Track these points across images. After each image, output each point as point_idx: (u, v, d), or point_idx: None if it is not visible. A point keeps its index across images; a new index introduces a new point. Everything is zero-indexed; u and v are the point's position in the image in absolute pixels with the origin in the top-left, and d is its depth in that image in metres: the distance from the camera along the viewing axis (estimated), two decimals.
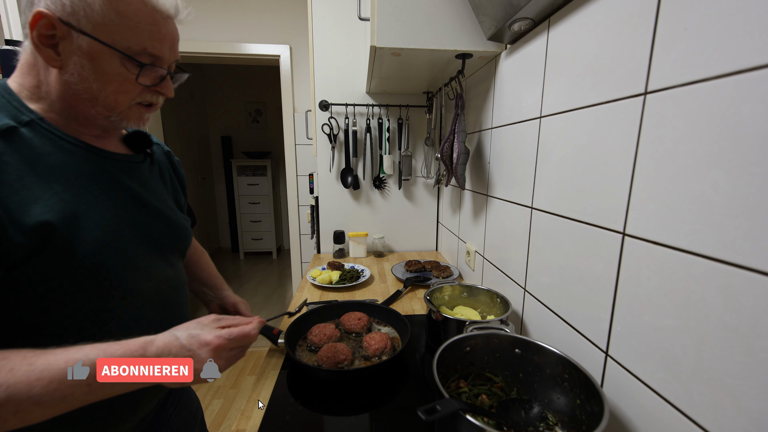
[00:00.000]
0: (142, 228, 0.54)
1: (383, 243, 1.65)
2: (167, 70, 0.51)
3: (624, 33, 0.52)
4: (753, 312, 0.35)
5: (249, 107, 4.43)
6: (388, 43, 0.88)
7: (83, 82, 0.45)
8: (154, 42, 0.47)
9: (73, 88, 0.46)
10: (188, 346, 0.45)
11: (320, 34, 1.50)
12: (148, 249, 0.54)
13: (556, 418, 0.57)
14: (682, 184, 0.42)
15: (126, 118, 0.51)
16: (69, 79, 0.45)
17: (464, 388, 0.61)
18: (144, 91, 0.50)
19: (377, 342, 0.77)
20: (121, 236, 0.50)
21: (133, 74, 0.47)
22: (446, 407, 0.43)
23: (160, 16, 0.48)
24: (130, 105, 0.50)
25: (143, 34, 0.46)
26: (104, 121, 0.50)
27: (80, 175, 0.48)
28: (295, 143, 2.38)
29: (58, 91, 0.46)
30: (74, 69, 0.45)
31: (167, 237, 0.59)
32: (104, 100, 0.47)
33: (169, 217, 0.60)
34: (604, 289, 0.56)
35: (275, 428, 0.60)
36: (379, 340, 0.77)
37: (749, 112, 0.35)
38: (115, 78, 0.47)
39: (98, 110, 0.48)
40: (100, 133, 0.53)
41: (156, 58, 0.48)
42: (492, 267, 1.04)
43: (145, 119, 0.54)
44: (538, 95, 0.76)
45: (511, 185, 0.90)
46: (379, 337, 0.78)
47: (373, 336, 0.79)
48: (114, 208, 0.50)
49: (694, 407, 0.41)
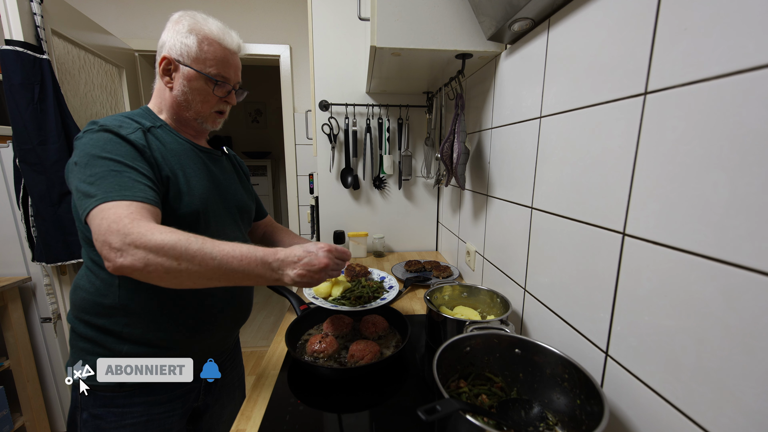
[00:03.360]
0: (219, 198, 0.78)
1: (383, 243, 1.65)
2: (233, 87, 0.77)
3: (624, 33, 0.52)
4: (753, 312, 0.35)
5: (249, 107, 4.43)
6: (388, 43, 0.88)
7: (183, 95, 0.73)
8: (225, 68, 0.74)
9: (177, 100, 0.73)
10: (307, 249, 0.64)
11: (320, 34, 1.50)
12: (223, 213, 0.78)
13: (556, 418, 0.57)
14: (682, 184, 0.42)
15: (207, 121, 0.77)
16: (175, 94, 0.73)
17: (464, 388, 0.61)
18: (218, 102, 0.76)
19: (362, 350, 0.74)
20: (208, 198, 0.74)
21: (211, 89, 0.73)
22: (446, 407, 0.43)
23: (229, 52, 0.74)
24: (210, 112, 0.76)
25: (219, 64, 0.72)
26: (194, 123, 0.77)
27: (187, 158, 0.73)
28: (295, 143, 2.38)
29: (170, 102, 0.74)
30: (179, 88, 0.72)
31: (235, 208, 0.83)
32: (195, 107, 0.74)
33: (236, 195, 0.84)
34: (604, 289, 0.56)
35: (275, 428, 0.60)
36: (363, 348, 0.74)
37: (749, 112, 0.35)
38: (202, 92, 0.73)
39: (191, 114, 0.75)
40: (195, 134, 0.80)
41: (226, 79, 0.75)
42: (492, 267, 1.04)
43: (218, 123, 0.80)
44: (538, 95, 0.76)
45: (511, 185, 0.90)
46: (364, 345, 0.75)
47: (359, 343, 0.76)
48: (204, 181, 0.74)
49: (694, 407, 0.41)
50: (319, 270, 0.63)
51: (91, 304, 0.68)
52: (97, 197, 0.56)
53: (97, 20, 1.77)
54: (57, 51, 1.44)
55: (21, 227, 1.48)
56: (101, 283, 0.68)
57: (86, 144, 0.61)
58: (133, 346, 0.69)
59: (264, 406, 0.66)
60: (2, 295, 1.42)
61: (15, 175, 1.36)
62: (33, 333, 1.57)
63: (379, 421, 0.63)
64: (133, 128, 0.65)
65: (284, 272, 0.60)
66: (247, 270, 0.57)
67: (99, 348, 0.69)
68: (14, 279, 1.48)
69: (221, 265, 0.55)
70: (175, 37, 0.70)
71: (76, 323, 0.71)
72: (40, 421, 1.58)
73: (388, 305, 0.92)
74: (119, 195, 0.56)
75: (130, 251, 0.51)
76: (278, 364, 0.79)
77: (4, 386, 1.45)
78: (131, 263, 0.52)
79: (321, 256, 0.63)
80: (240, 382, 0.97)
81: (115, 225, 0.52)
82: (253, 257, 0.57)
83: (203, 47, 0.70)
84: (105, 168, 0.59)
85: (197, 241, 0.55)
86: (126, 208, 0.55)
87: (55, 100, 1.32)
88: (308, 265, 0.62)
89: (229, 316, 0.79)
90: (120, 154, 0.61)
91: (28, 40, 1.27)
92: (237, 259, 0.56)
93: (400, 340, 0.84)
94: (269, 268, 0.59)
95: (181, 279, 0.54)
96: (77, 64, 1.59)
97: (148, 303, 0.68)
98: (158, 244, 0.52)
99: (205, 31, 0.71)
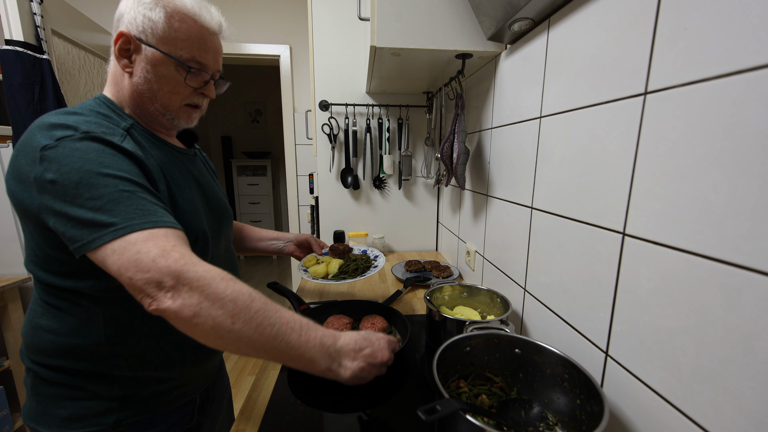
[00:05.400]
0: (207, 206, 0.69)
1: (383, 243, 1.65)
2: (211, 76, 0.63)
3: (624, 33, 0.52)
4: (753, 312, 0.35)
5: (249, 107, 4.43)
6: (388, 43, 0.88)
7: (147, 83, 0.58)
8: (201, 52, 0.60)
9: (139, 89, 0.59)
10: (367, 338, 0.56)
11: (320, 34, 1.50)
12: (213, 222, 0.69)
13: (556, 418, 0.57)
14: (682, 184, 0.42)
15: (177, 117, 0.63)
16: (136, 81, 0.58)
17: (464, 388, 0.61)
18: (192, 93, 0.62)
19: None
20: (201, 211, 0.65)
21: (182, 77, 0.59)
22: (446, 407, 0.43)
23: (207, 32, 0.60)
24: (180, 105, 0.62)
25: (193, 46, 0.58)
26: (162, 118, 0.62)
27: (171, 165, 0.62)
28: (295, 143, 2.38)
29: (129, 92, 0.59)
30: (141, 73, 0.57)
31: (219, 213, 0.73)
32: (161, 98, 0.60)
33: (217, 198, 0.75)
34: (604, 289, 0.56)
35: (275, 428, 0.60)
36: None
37: (749, 112, 0.35)
38: (170, 80, 0.59)
39: (156, 107, 0.60)
40: (166, 132, 0.66)
41: (202, 65, 0.60)
42: (492, 267, 1.04)
43: (192, 118, 0.66)
44: (538, 95, 0.76)
45: (511, 185, 0.90)
46: None
47: None
48: (191, 191, 0.64)
49: (694, 407, 0.41)
50: (381, 365, 0.55)
51: (63, 347, 0.56)
52: (115, 227, 0.45)
53: (97, 20, 1.77)
54: (57, 51, 1.44)
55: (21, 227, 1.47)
56: (77, 321, 0.56)
57: (68, 156, 0.47)
58: (125, 385, 0.59)
59: (264, 406, 0.66)
60: (2, 295, 1.42)
61: None
62: None
63: (379, 421, 0.63)
64: (119, 135, 0.54)
65: (342, 363, 0.51)
66: (302, 350, 0.49)
67: (79, 392, 0.57)
68: (14, 279, 1.48)
69: (278, 335, 0.47)
70: (136, 8, 0.55)
71: (42, 369, 0.57)
72: None
73: (387, 305, 0.93)
74: (146, 222, 0.47)
75: (183, 293, 0.44)
76: (278, 364, 0.79)
77: (4, 386, 1.45)
78: (179, 308, 0.44)
79: (384, 348, 0.55)
80: (226, 391, 0.90)
81: (163, 260, 0.44)
82: (313, 336, 0.49)
83: (173, 23, 0.56)
84: (112, 188, 0.47)
85: (260, 300, 0.48)
86: (165, 238, 0.46)
87: (55, 100, 1.32)
88: (371, 357, 0.53)
89: None
90: (123, 169, 0.50)
91: (28, 40, 1.27)
92: (296, 333, 0.48)
93: (400, 340, 0.84)
94: (326, 354, 0.50)
95: (226, 341, 0.46)
96: (77, 64, 1.59)
97: (143, 338, 0.59)
98: (218, 293, 0.44)
99: (175, 3, 0.56)
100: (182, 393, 0.68)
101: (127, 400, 0.60)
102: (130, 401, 0.60)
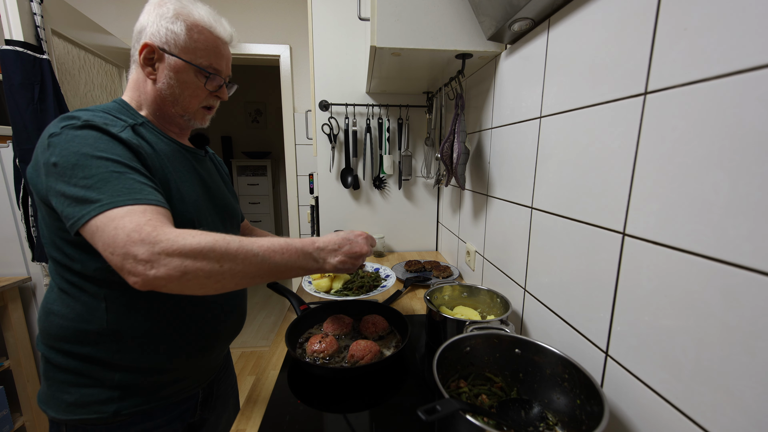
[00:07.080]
0: (210, 203, 0.73)
1: (383, 243, 1.65)
2: (224, 80, 0.71)
3: (624, 33, 0.52)
4: (753, 312, 0.35)
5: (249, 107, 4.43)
6: (388, 43, 0.88)
7: (169, 89, 0.65)
8: (217, 59, 0.68)
9: (162, 94, 0.66)
10: (346, 237, 0.66)
11: (320, 34, 1.50)
12: (215, 219, 0.73)
13: (556, 418, 0.57)
14: (682, 184, 0.42)
15: (194, 118, 0.71)
16: (160, 87, 0.65)
17: (464, 388, 0.61)
18: (208, 96, 0.70)
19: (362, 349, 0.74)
20: (200, 205, 0.68)
21: (202, 82, 0.67)
22: (446, 407, 0.43)
23: (221, 42, 0.68)
24: (198, 107, 0.70)
25: (210, 54, 0.66)
26: (180, 119, 0.70)
27: (176, 160, 0.67)
28: (295, 143, 2.38)
29: (152, 96, 0.66)
30: (164, 80, 0.65)
31: (224, 212, 0.78)
32: (182, 102, 0.67)
33: (223, 198, 0.79)
34: (604, 289, 0.56)
35: (275, 428, 0.60)
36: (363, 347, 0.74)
37: (749, 112, 0.35)
38: (191, 85, 0.67)
39: (177, 110, 0.68)
40: (179, 132, 0.73)
41: (217, 71, 0.69)
42: (492, 267, 1.04)
43: (206, 119, 0.74)
44: (538, 95, 0.76)
45: (511, 185, 0.90)
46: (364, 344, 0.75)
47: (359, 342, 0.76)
48: (195, 186, 0.69)
49: (694, 407, 0.41)
50: (360, 256, 0.65)
51: (71, 331, 0.59)
52: (100, 203, 0.48)
53: (97, 20, 1.77)
54: (57, 51, 1.44)
55: (21, 227, 1.48)
56: (82, 306, 0.59)
57: (70, 141, 0.52)
58: (125, 373, 0.61)
59: (264, 406, 0.66)
60: (2, 295, 1.42)
61: (15, 175, 1.36)
62: (33, 333, 1.57)
63: (379, 421, 0.63)
64: (120, 126, 0.58)
65: (326, 260, 0.61)
66: (289, 262, 0.56)
67: (84, 379, 0.61)
68: (14, 279, 1.48)
69: (264, 260, 0.53)
70: (158, 22, 0.62)
71: (52, 353, 0.61)
72: (40, 421, 1.58)
73: (387, 305, 0.93)
74: (129, 199, 0.50)
75: (163, 261, 0.46)
76: (278, 364, 0.79)
77: (4, 386, 1.45)
78: (166, 274, 0.46)
79: (361, 243, 0.66)
80: (233, 389, 0.92)
81: (137, 234, 0.46)
82: (293, 248, 0.57)
83: (193, 35, 0.64)
84: (104, 169, 0.51)
85: (234, 239, 0.51)
86: (142, 213, 0.49)
87: (55, 100, 1.32)
88: (349, 253, 0.63)
89: (230, 326, 0.76)
90: (116, 153, 0.54)
91: (28, 40, 1.27)
92: (278, 252, 0.55)
93: (400, 340, 0.84)
94: (311, 258, 0.59)
95: (224, 282, 0.50)
96: (77, 64, 1.59)
97: (142, 325, 0.61)
98: (195, 249, 0.47)
99: (194, 16, 0.64)
100: (183, 387, 0.69)
101: (127, 390, 0.62)
102: (130, 391, 0.62)
